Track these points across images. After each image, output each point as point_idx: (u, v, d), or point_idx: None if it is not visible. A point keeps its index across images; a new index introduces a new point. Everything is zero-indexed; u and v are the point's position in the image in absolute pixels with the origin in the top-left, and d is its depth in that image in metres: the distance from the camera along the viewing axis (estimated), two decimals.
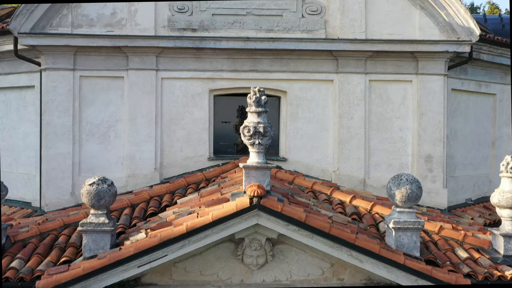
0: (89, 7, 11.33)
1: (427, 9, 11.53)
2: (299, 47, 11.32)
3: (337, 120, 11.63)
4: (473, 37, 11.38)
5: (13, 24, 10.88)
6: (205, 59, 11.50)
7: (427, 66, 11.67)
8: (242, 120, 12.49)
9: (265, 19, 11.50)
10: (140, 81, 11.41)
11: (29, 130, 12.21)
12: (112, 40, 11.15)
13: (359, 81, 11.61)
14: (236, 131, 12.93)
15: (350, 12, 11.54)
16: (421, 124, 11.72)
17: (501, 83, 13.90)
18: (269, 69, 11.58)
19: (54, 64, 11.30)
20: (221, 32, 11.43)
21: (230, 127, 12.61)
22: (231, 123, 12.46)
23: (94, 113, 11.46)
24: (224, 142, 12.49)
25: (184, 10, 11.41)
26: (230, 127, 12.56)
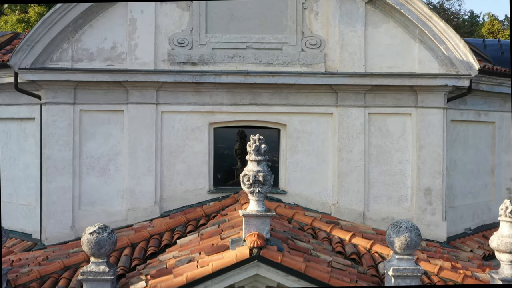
0: (89, 41, 11.37)
1: (426, 42, 11.56)
2: (298, 82, 11.36)
3: (336, 153, 11.67)
4: (472, 71, 11.42)
5: (13, 60, 10.91)
6: (205, 93, 11.54)
7: (427, 99, 11.71)
8: (241, 144, 12.61)
9: (264, 53, 11.53)
10: (140, 114, 11.45)
11: (30, 162, 12.24)
12: (112, 75, 11.19)
13: (359, 114, 11.65)
14: (236, 155, 13.04)
15: (349, 46, 11.58)
16: (421, 157, 11.75)
17: (500, 110, 13.93)
18: (269, 102, 11.62)
19: (54, 98, 11.33)
20: (221, 66, 11.46)
21: (231, 150, 12.75)
22: (232, 146, 12.61)
23: (94, 147, 11.50)
24: (222, 173, 12.57)
25: (184, 44, 11.45)
26: (230, 151, 12.73)
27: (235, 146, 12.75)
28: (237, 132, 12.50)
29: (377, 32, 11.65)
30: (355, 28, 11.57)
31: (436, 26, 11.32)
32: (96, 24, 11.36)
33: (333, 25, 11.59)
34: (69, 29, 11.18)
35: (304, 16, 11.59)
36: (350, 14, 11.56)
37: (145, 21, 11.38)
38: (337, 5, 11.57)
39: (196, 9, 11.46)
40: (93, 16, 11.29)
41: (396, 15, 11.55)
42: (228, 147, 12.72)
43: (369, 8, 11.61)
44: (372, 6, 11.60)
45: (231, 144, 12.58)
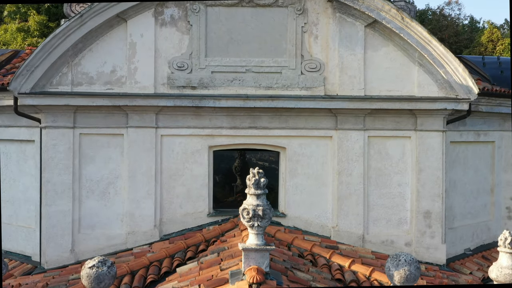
0: (89, 65, 11.38)
1: (426, 66, 11.57)
2: (298, 106, 11.37)
3: (336, 176, 11.68)
4: (471, 95, 11.43)
5: (13, 84, 10.92)
6: (204, 116, 11.55)
7: (426, 122, 11.72)
8: (241, 161, 12.65)
9: (264, 76, 11.55)
10: (140, 138, 11.46)
11: (29, 184, 12.25)
12: (112, 99, 11.20)
13: (358, 138, 11.66)
14: (236, 172, 13.08)
15: (349, 69, 11.59)
16: (420, 180, 11.76)
17: (500, 130, 13.93)
18: (268, 125, 11.63)
19: (54, 122, 11.34)
20: (220, 90, 11.48)
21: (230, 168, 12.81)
22: (231, 163, 12.65)
23: (94, 170, 11.51)
24: (222, 190, 12.60)
25: (184, 68, 11.46)
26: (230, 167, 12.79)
27: (234, 163, 12.81)
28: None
29: (377, 55, 11.67)
30: (354, 51, 11.58)
31: (436, 50, 11.34)
32: (95, 48, 11.37)
33: (332, 48, 11.60)
34: (69, 53, 11.19)
35: (303, 40, 11.60)
36: (349, 37, 11.58)
37: (145, 45, 11.39)
38: (336, 28, 11.58)
39: (196, 32, 11.47)
40: (93, 40, 11.31)
41: (395, 39, 11.56)
42: (227, 163, 12.74)
43: (369, 31, 11.62)
44: (371, 29, 11.61)
45: (231, 161, 12.60)
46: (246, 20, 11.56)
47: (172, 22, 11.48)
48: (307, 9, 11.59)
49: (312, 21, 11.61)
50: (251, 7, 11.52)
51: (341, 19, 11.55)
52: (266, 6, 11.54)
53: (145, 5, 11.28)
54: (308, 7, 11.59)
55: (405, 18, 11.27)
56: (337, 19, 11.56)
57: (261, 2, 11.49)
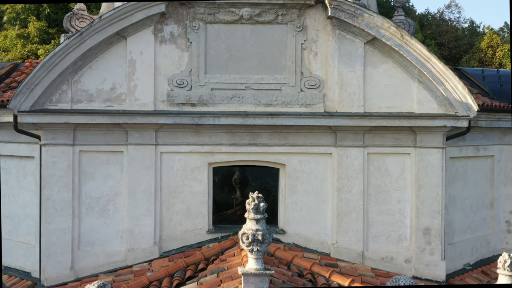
0: (89, 82, 11.39)
1: (425, 83, 11.59)
2: (297, 123, 11.38)
3: (335, 193, 11.68)
4: (471, 112, 11.45)
5: (13, 103, 10.93)
6: (204, 133, 11.56)
7: (425, 139, 11.73)
8: (240, 173, 12.65)
9: (264, 93, 11.55)
10: (140, 155, 11.46)
11: (29, 200, 12.25)
12: (111, 117, 11.20)
13: (358, 155, 11.66)
14: (235, 184, 13.10)
15: (348, 86, 11.60)
16: (419, 197, 11.77)
17: (499, 143, 13.94)
18: (268, 142, 11.64)
19: (54, 140, 11.35)
20: (220, 107, 11.48)
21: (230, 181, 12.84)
22: (231, 175, 12.69)
23: (94, 187, 11.51)
24: (221, 203, 12.61)
25: (183, 85, 11.47)
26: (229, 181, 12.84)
27: (234, 175, 12.83)
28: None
29: (376, 72, 11.68)
30: (354, 68, 11.59)
31: (435, 68, 11.35)
32: (95, 65, 11.38)
33: (332, 65, 11.61)
34: (69, 71, 11.20)
35: (303, 57, 11.61)
36: (349, 54, 11.59)
37: (145, 62, 11.40)
38: (336, 45, 11.59)
39: (195, 49, 11.48)
40: (93, 57, 11.31)
41: (395, 56, 11.57)
42: (227, 176, 12.74)
43: (368, 48, 11.63)
44: (371, 46, 11.62)
45: (231, 173, 12.60)
46: (245, 37, 11.57)
47: (171, 39, 11.49)
48: (306, 26, 11.60)
49: (311, 38, 11.63)
50: (251, 24, 11.52)
51: (340, 36, 11.56)
52: (266, 23, 11.54)
53: (145, 23, 11.29)
54: (307, 24, 11.60)
55: (405, 36, 11.28)
56: (336, 36, 11.58)
57: (260, 19, 11.50)
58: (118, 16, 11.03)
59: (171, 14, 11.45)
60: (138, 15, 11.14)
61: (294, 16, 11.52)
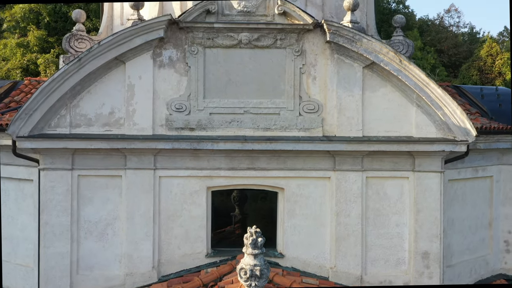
0: (87, 106, 11.40)
1: (424, 107, 11.59)
2: (296, 148, 11.39)
3: (334, 217, 11.69)
4: (469, 137, 11.45)
5: (11, 128, 10.93)
6: (202, 158, 11.56)
7: (424, 163, 11.74)
8: (239, 191, 12.65)
9: (262, 118, 11.56)
10: (138, 179, 11.47)
11: (27, 223, 12.27)
12: (110, 142, 11.21)
13: (356, 179, 11.67)
14: (234, 202, 13.13)
15: (347, 110, 11.60)
16: (418, 221, 11.77)
17: (498, 164, 13.93)
18: (267, 166, 11.64)
19: (52, 164, 11.36)
20: (218, 131, 11.49)
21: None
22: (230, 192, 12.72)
23: (92, 211, 11.52)
24: (220, 220, 12.61)
25: (182, 110, 11.47)
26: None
27: (233, 193, 12.85)
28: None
29: (375, 96, 11.68)
30: (352, 92, 11.60)
31: (434, 92, 11.36)
32: (94, 89, 11.39)
33: (330, 89, 11.62)
34: (67, 96, 11.20)
35: (301, 81, 11.61)
36: (347, 78, 11.59)
37: (143, 87, 11.40)
38: (334, 69, 11.59)
39: (194, 74, 11.48)
40: (91, 82, 11.32)
41: (393, 80, 11.58)
42: (226, 193, 12.74)
43: (367, 72, 11.64)
44: (369, 70, 11.63)
45: (229, 191, 12.62)
46: (244, 62, 11.57)
47: (170, 63, 11.50)
48: (305, 51, 11.60)
49: (310, 62, 11.63)
50: (249, 48, 11.53)
51: (339, 60, 11.57)
52: (265, 47, 11.55)
53: (144, 48, 11.30)
54: (306, 48, 11.61)
55: (403, 61, 11.29)
56: (335, 60, 11.58)
57: (259, 43, 11.51)
58: (117, 42, 11.04)
59: (169, 39, 11.46)
60: (137, 41, 11.15)
61: (293, 41, 11.53)
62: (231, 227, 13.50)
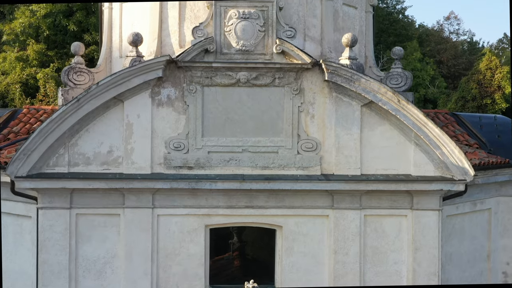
0: (86, 145, 11.41)
1: (422, 146, 11.60)
2: (294, 187, 11.41)
3: (332, 255, 11.70)
4: (467, 176, 11.46)
5: (10, 169, 10.94)
6: (201, 196, 11.58)
7: (422, 201, 11.75)
8: None
9: (260, 156, 11.56)
10: (136, 218, 11.48)
11: (26, 258, 12.26)
12: (109, 182, 11.23)
13: (354, 217, 11.68)
14: (232, 229, 13.12)
15: (345, 149, 11.61)
16: (416, 259, 11.78)
17: (496, 195, 13.94)
18: (265, 205, 11.66)
19: (51, 203, 11.38)
20: (217, 170, 11.50)
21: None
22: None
23: (91, 250, 11.53)
24: (219, 247, 12.62)
25: (180, 148, 11.48)
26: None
27: None
28: None
29: (373, 134, 11.69)
30: (351, 131, 11.61)
31: (432, 132, 11.36)
32: (92, 128, 11.39)
33: (329, 127, 11.63)
34: (66, 135, 11.22)
35: (300, 119, 11.62)
36: (346, 117, 11.60)
37: (142, 125, 11.41)
38: (333, 108, 11.60)
39: (193, 112, 11.49)
40: (90, 121, 11.33)
41: (391, 118, 11.58)
42: None
43: (365, 110, 11.64)
44: (368, 109, 11.63)
45: None
46: (242, 100, 11.58)
47: (168, 102, 11.51)
48: (303, 89, 11.61)
49: (308, 100, 11.64)
50: (248, 87, 11.54)
51: (337, 99, 11.58)
52: (263, 86, 11.56)
53: (142, 87, 11.31)
54: (304, 86, 11.61)
55: (401, 101, 11.30)
56: (333, 99, 11.60)
57: (257, 82, 11.52)
58: (115, 82, 11.05)
59: (168, 77, 11.47)
60: (135, 80, 11.16)
61: (291, 79, 11.54)
62: (230, 254, 13.51)
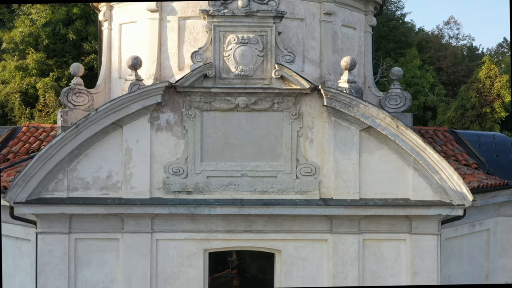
0: (85, 170, 11.42)
1: (420, 170, 11.61)
2: (293, 212, 11.42)
3: (331, 279, 11.70)
4: (466, 201, 11.47)
5: (9, 195, 10.95)
6: (200, 220, 11.59)
7: (421, 225, 11.76)
8: None
9: (259, 181, 11.57)
10: (135, 243, 11.49)
11: (25, 281, 12.29)
12: (107, 207, 11.24)
13: (353, 241, 11.69)
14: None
15: (344, 173, 11.62)
16: (415, 283, 11.77)
17: (495, 215, 13.97)
18: (264, 229, 11.67)
19: (50, 228, 11.39)
20: (215, 194, 11.51)
21: None
22: None
23: (90, 274, 11.53)
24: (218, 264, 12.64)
25: (179, 173, 11.49)
26: None
27: None
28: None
29: (372, 159, 11.70)
30: (349, 155, 11.61)
31: (430, 157, 11.37)
32: (91, 153, 11.40)
33: (328, 152, 11.64)
34: (65, 160, 11.22)
35: (299, 144, 11.63)
36: (344, 141, 11.61)
37: (141, 150, 11.42)
38: (331, 132, 11.61)
39: (191, 137, 11.49)
40: (89, 146, 11.34)
41: (390, 143, 11.59)
42: None
43: (364, 135, 11.65)
44: (366, 133, 11.64)
45: None
46: (241, 125, 11.59)
47: (167, 127, 11.51)
48: (302, 113, 11.62)
49: (307, 125, 11.65)
50: (247, 111, 11.55)
51: (336, 123, 11.59)
52: (262, 110, 11.57)
53: (141, 112, 11.32)
54: (303, 111, 11.63)
55: (400, 126, 11.31)
56: (332, 123, 11.61)
57: (256, 107, 11.53)
58: (114, 108, 11.06)
59: (167, 102, 11.48)
60: (134, 106, 11.17)
61: (290, 104, 11.55)
62: (229, 272, 13.53)
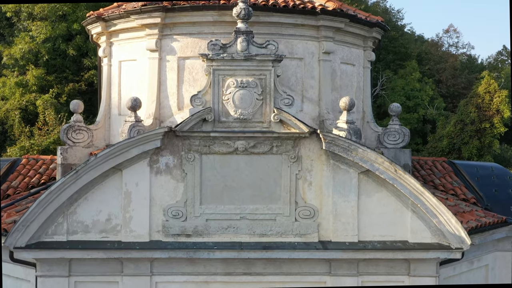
0: (84, 213, 11.46)
1: (419, 213, 11.65)
2: (292, 256, 11.46)
3: None
4: (464, 245, 11.50)
5: (9, 240, 11.00)
6: (199, 263, 11.63)
7: (419, 268, 11.80)
8: None
9: (258, 224, 11.62)
10: (135, 285, 11.53)
11: None
12: (107, 252, 11.28)
13: (352, 283, 11.73)
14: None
15: (342, 216, 11.66)
16: None
17: (494, 251, 14.02)
18: (263, 272, 11.70)
19: (49, 272, 11.43)
20: (214, 237, 11.55)
21: None
22: None
23: None
24: None
25: (179, 216, 11.53)
26: None
27: None
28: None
29: (370, 201, 11.74)
30: (348, 198, 11.66)
31: (429, 201, 11.41)
32: (91, 196, 11.45)
33: (326, 195, 11.68)
34: (64, 204, 11.26)
35: (297, 186, 11.67)
36: (343, 184, 11.65)
37: (140, 194, 11.46)
38: (330, 175, 11.65)
39: (191, 180, 11.54)
40: (88, 189, 11.38)
41: (388, 186, 11.63)
42: None
43: (362, 177, 11.69)
44: (365, 176, 11.68)
45: None
46: (240, 168, 11.63)
47: (167, 170, 11.56)
48: (301, 156, 11.66)
49: (306, 167, 11.69)
50: (246, 154, 11.59)
51: (335, 166, 11.63)
52: (261, 153, 11.61)
53: (140, 156, 11.36)
54: (302, 154, 11.67)
55: (398, 171, 11.35)
56: (331, 166, 11.65)
57: (255, 150, 11.57)
58: (114, 153, 11.11)
59: (166, 146, 11.52)
60: (133, 151, 11.21)
61: (289, 147, 11.60)
62: None
